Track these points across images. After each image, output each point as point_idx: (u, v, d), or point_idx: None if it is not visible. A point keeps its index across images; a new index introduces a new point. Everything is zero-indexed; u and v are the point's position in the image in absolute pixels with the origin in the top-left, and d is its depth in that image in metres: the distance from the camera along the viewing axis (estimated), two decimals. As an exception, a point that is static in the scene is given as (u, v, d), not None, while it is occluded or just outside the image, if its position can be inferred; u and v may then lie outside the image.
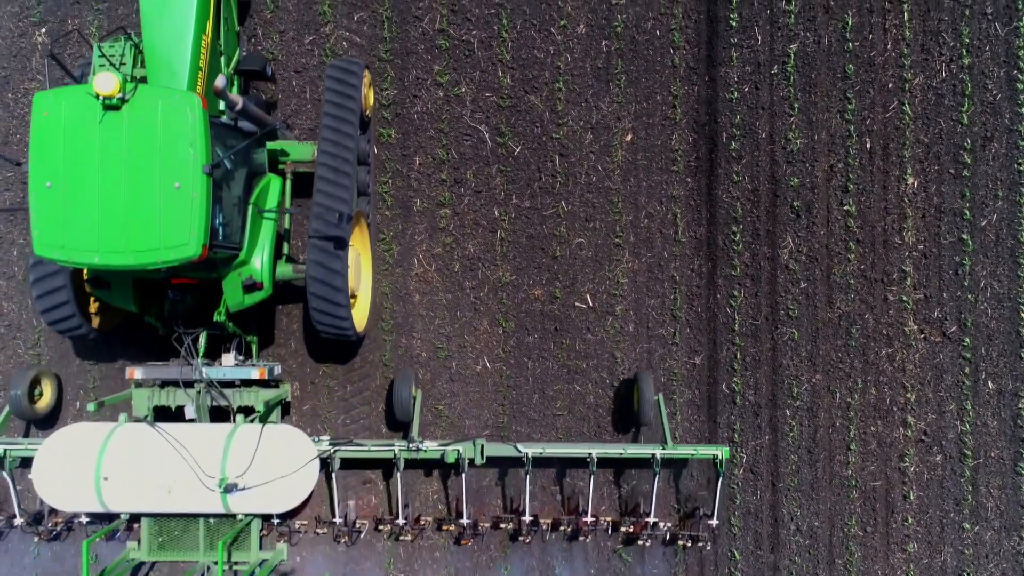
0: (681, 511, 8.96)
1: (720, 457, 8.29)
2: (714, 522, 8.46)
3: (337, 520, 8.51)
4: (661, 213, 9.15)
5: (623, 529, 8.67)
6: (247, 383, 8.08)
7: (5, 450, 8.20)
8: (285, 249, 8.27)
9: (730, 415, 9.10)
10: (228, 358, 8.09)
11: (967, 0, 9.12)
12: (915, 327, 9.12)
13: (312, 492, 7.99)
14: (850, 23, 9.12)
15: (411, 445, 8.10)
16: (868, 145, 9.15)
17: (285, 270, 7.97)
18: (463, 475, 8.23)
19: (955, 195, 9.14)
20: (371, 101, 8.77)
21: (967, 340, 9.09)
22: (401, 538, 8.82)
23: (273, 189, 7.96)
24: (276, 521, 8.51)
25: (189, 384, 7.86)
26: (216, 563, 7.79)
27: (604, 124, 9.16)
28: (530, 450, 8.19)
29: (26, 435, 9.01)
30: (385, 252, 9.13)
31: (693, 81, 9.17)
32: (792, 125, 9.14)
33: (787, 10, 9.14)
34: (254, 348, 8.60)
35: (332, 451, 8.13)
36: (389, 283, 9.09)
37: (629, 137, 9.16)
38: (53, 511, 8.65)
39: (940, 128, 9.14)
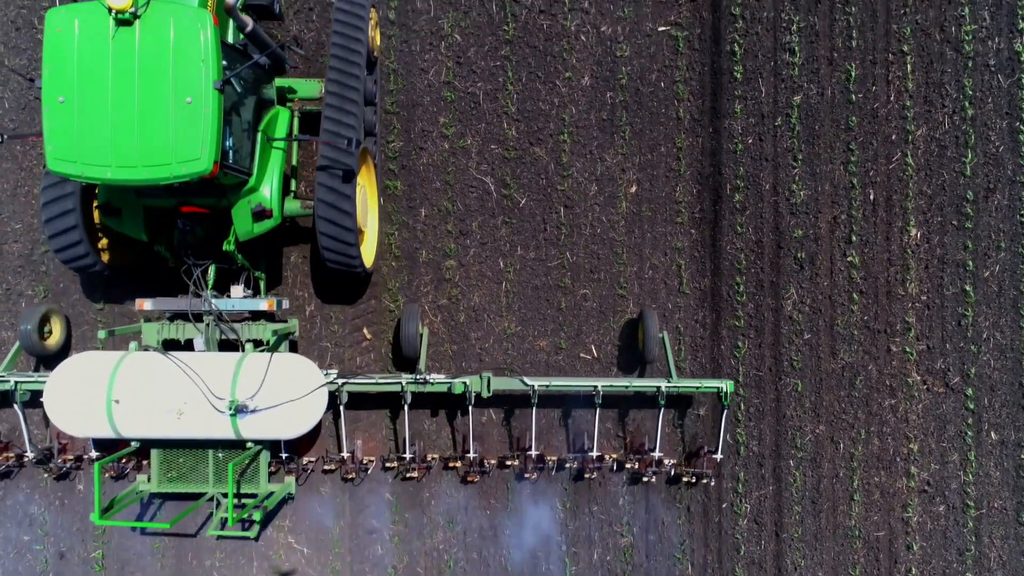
0: (685, 450, 9.03)
1: (724, 390, 8.35)
2: (718, 456, 8.59)
3: (345, 454, 8.56)
4: (665, 264, 9.20)
5: (628, 466, 8.77)
6: (256, 316, 8.24)
7: (16, 382, 8.27)
8: (293, 186, 8.39)
9: (734, 465, 9.16)
10: (237, 290, 8.20)
11: (969, 52, 9.17)
12: (918, 378, 9.17)
13: (320, 422, 8.18)
14: (853, 75, 9.17)
15: (418, 377, 8.15)
16: (871, 196, 9.20)
17: (293, 206, 8.06)
18: (469, 409, 8.30)
19: (958, 246, 9.18)
20: (378, 41, 8.88)
21: (970, 391, 9.14)
22: (408, 475, 8.86)
23: (282, 120, 8.06)
24: (284, 456, 8.54)
25: (198, 317, 7.99)
26: (224, 495, 7.88)
27: (609, 176, 9.22)
28: (536, 382, 8.29)
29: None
30: (392, 304, 9.19)
31: (697, 133, 9.23)
32: (796, 177, 9.19)
33: (791, 62, 9.19)
34: (262, 285, 8.66)
35: (340, 384, 8.17)
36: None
37: (634, 189, 9.21)
38: (63, 449, 8.78)
39: (943, 179, 9.19)
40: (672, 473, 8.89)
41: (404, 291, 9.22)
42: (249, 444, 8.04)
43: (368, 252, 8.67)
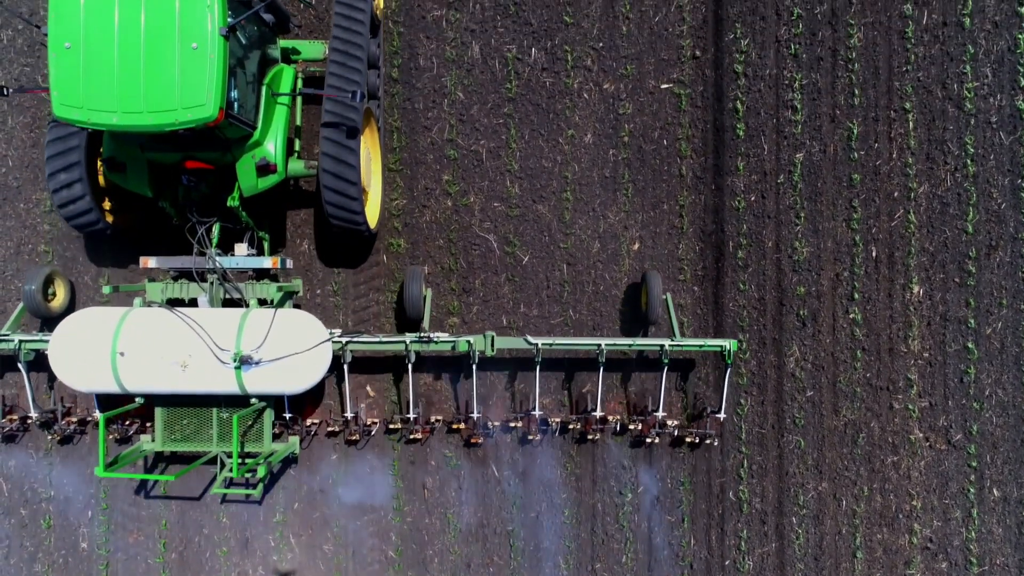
0: (688, 412, 9.08)
1: (728, 348, 8.39)
2: (722, 416, 8.65)
3: (348, 415, 8.59)
4: (668, 323, 9.21)
5: (631, 428, 8.82)
6: (260, 276, 8.30)
7: (20, 341, 8.27)
8: (297, 146, 8.42)
9: (736, 522, 9.17)
10: (241, 248, 8.23)
11: (971, 109, 9.19)
12: (920, 435, 9.19)
13: (324, 386, 8.50)
14: (856, 132, 9.19)
15: (422, 336, 8.17)
16: (874, 253, 9.22)
17: (297, 166, 8.09)
18: (473, 369, 8.34)
19: (960, 303, 9.20)
20: (381, 5, 8.96)
21: (972, 448, 9.16)
22: (412, 436, 8.92)
23: (286, 77, 8.09)
24: (288, 417, 8.56)
25: (202, 276, 8.04)
26: (228, 455, 7.96)
27: (611, 233, 9.24)
28: (540, 341, 8.30)
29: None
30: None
31: (700, 190, 9.24)
32: (798, 234, 9.21)
33: (793, 119, 9.21)
34: (266, 245, 8.71)
35: (344, 343, 8.19)
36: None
37: (636, 246, 9.23)
38: (67, 412, 8.83)
39: (945, 236, 9.21)
40: (675, 434, 8.93)
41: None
42: (253, 400, 8.01)
43: (372, 213, 8.68)
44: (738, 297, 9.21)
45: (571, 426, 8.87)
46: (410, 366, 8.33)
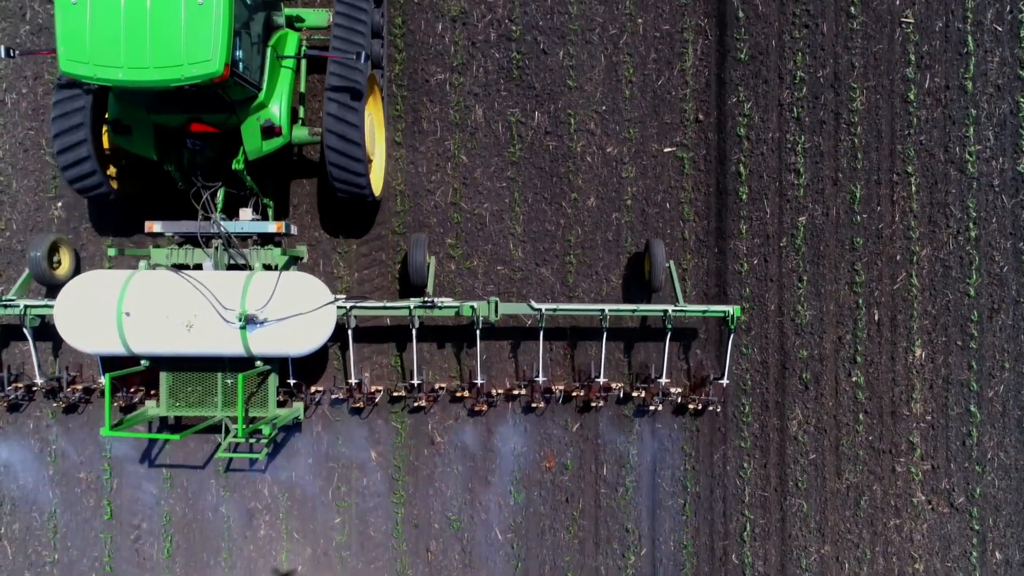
0: (692, 380, 9.12)
1: (731, 313, 8.41)
2: (724, 382, 8.72)
3: (353, 381, 8.66)
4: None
5: (634, 395, 8.87)
6: (264, 241, 8.32)
7: (25, 306, 8.33)
8: (301, 113, 8.46)
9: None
10: (246, 212, 8.27)
11: (973, 173, 9.21)
12: (923, 498, 9.21)
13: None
14: (858, 195, 9.21)
15: (426, 301, 8.19)
16: (876, 316, 9.24)
17: (301, 132, 8.14)
18: (477, 335, 8.40)
19: (962, 366, 9.22)
20: None
21: (975, 511, 9.19)
22: (415, 404, 8.99)
23: (291, 42, 8.13)
24: (292, 383, 8.62)
25: (207, 241, 8.07)
26: (233, 420, 8.06)
27: (614, 298, 9.25)
28: (544, 306, 8.35)
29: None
30: (398, 426, 9.22)
31: (703, 253, 9.26)
32: (801, 297, 9.23)
33: (796, 183, 9.23)
34: (270, 212, 8.74)
35: (348, 308, 8.22)
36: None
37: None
38: (72, 380, 8.90)
39: (947, 299, 9.23)
40: (679, 401, 8.99)
41: (414, 425, 9.26)
42: (258, 363, 8.04)
43: (376, 180, 8.72)
44: (741, 361, 9.23)
45: (574, 394, 8.92)
46: (414, 331, 8.37)
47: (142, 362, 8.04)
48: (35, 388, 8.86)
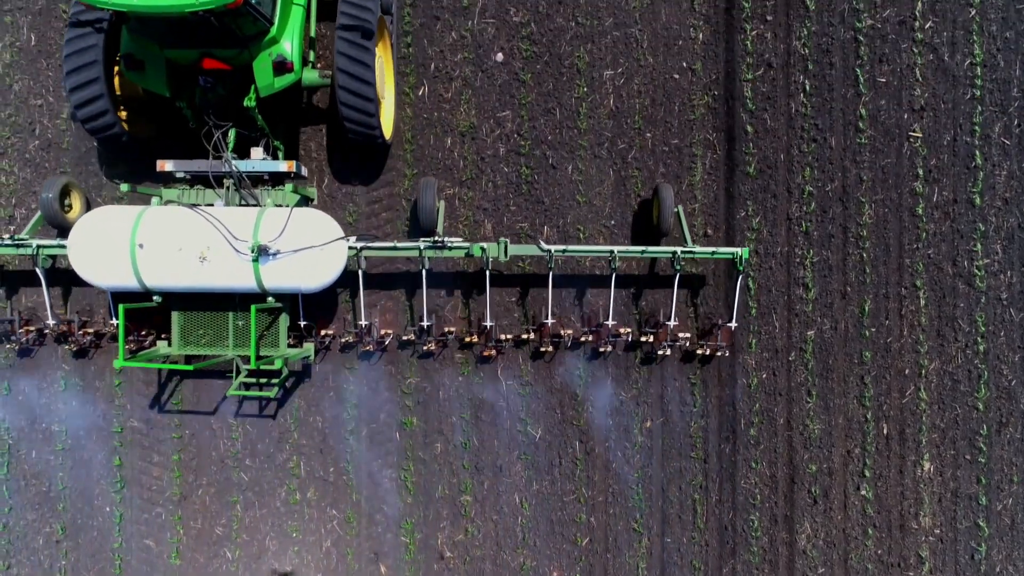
0: (699, 328, 9.15)
1: (739, 255, 8.42)
2: (733, 325, 8.77)
3: (362, 323, 8.70)
4: (680, 499, 9.25)
5: (643, 340, 8.90)
6: (275, 182, 8.33)
7: (37, 246, 8.34)
8: (312, 57, 8.46)
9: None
10: (257, 151, 8.27)
11: (982, 287, 9.23)
12: (932, 612, 9.23)
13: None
14: (867, 309, 9.23)
15: (436, 241, 8.19)
16: (885, 430, 9.25)
17: (312, 75, 8.16)
18: (487, 275, 8.44)
19: (971, 480, 9.24)
20: None
21: (983, 625, 9.20)
22: (425, 349, 9.01)
23: None
24: (303, 324, 8.67)
25: (219, 182, 8.11)
26: (244, 360, 8.15)
27: (624, 410, 9.26)
28: (553, 248, 8.35)
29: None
30: (405, 540, 9.23)
31: (710, 370, 9.26)
32: (809, 411, 9.24)
33: (805, 297, 9.24)
34: (280, 154, 8.73)
35: (359, 248, 8.24)
36: (412, 572, 9.23)
37: (648, 423, 9.26)
38: (83, 324, 8.95)
39: (956, 413, 9.25)
40: (687, 346, 9.02)
41: (419, 527, 9.26)
42: (270, 299, 8.05)
43: (386, 123, 8.73)
44: (750, 475, 9.24)
45: (583, 339, 8.95)
46: (424, 273, 8.39)
47: (154, 298, 8.04)
48: (47, 331, 8.90)
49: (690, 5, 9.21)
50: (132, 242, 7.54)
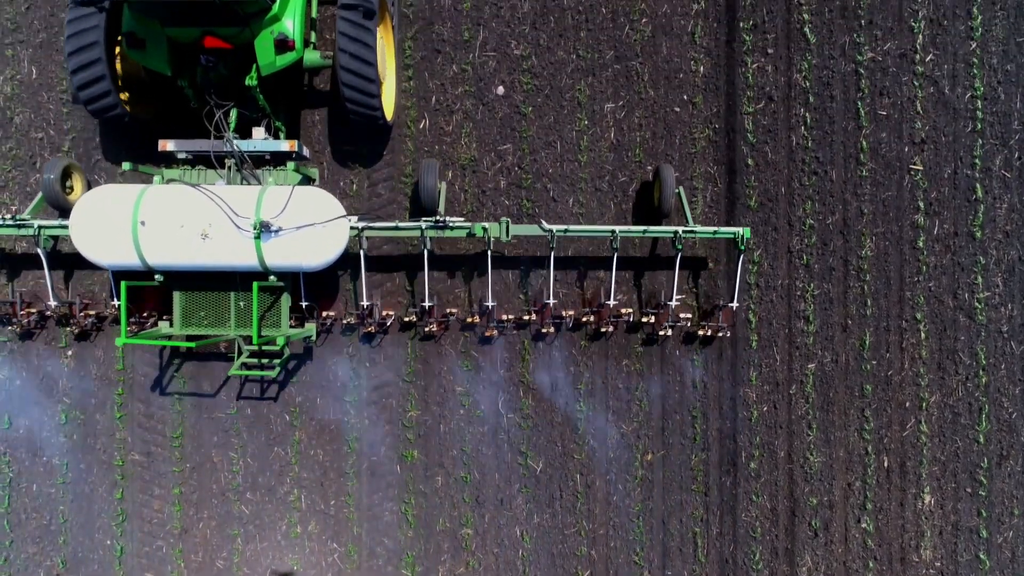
0: (700, 309, 9.16)
1: (741, 234, 8.44)
2: (734, 305, 8.80)
3: (364, 303, 8.77)
4: (681, 532, 9.25)
5: (644, 320, 8.92)
6: (277, 163, 8.37)
7: (39, 226, 8.36)
8: (313, 38, 8.49)
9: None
10: (258, 131, 8.30)
11: (983, 320, 9.23)
12: (933, 645, 9.23)
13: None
14: (867, 342, 9.23)
15: (438, 220, 8.22)
16: (885, 463, 9.26)
17: (313, 56, 8.22)
18: (488, 255, 8.47)
19: (972, 513, 9.24)
20: None
21: (984, 658, 9.21)
22: (427, 330, 9.03)
23: None
24: (304, 305, 8.71)
25: (220, 162, 8.16)
26: (245, 340, 8.25)
27: (626, 443, 9.27)
28: (555, 227, 8.39)
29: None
30: (406, 573, 9.23)
31: (714, 402, 9.27)
32: (810, 444, 9.25)
33: (805, 330, 9.25)
34: (282, 135, 8.75)
35: (360, 228, 8.28)
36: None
37: (649, 457, 9.26)
38: (84, 306, 8.98)
39: (957, 446, 9.25)
40: (688, 326, 9.03)
41: (420, 561, 9.27)
42: (272, 278, 8.08)
43: (387, 104, 8.76)
44: (751, 508, 9.25)
45: (584, 319, 8.98)
46: (425, 252, 8.42)
47: (156, 277, 8.06)
48: (48, 314, 8.95)
49: (691, 39, 9.21)
50: (134, 219, 7.57)
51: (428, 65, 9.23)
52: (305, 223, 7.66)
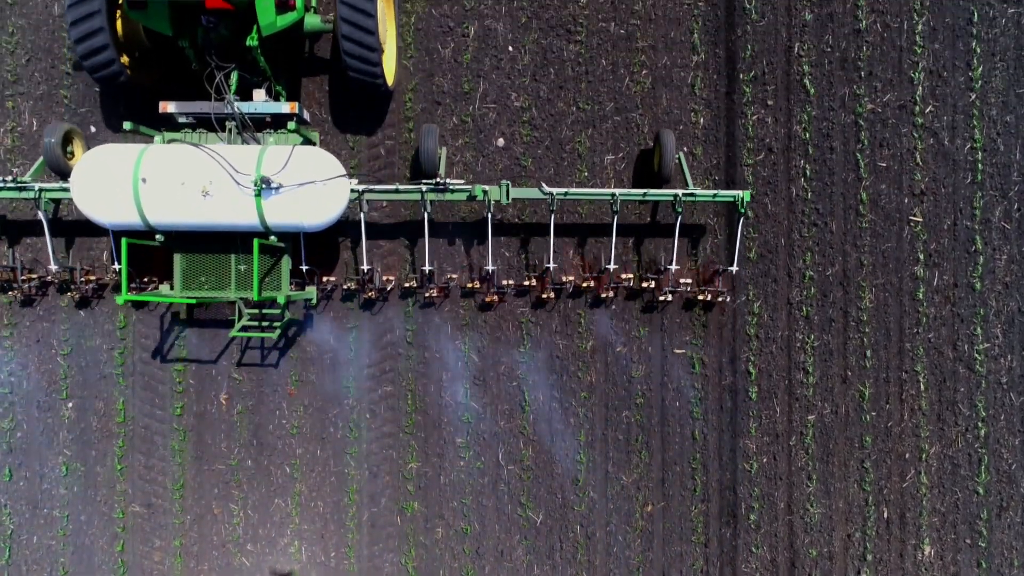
0: (699, 276, 9.17)
1: (741, 197, 8.45)
2: (734, 270, 8.87)
3: (364, 268, 8.81)
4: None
5: (644, 285, 8.94)
6: (277, 126, 8.38)
7: (39, 189, 8.37)
8: (313, 2, 8.53)
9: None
10: (259, 93, 8.31)
11: (982, 371, 9.24)
12: None
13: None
14: (867, 394, 9.24)
15: (439, 183, 8.24)
16: (885, 514, 9.27)
17: (314, 20, 8.27)
18: (488, 218, 8.50)
19: (971, 564, 9.26)
20: None
21: None
22: (427, 297, 9.07)
23: None
24: (305, 269, 8.74)
25: (221, 125, 8.18)
26: (245, 302, 8.31)
27: (625, 495, 9.28)
28: (555, 190, 8.40)
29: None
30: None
31: (711, 453, 9.28)
32: (810, 495, 9.26)
33: (805, 381, 9.26)
34: (282, 97, 8.76)
35: (361, 191, 8.31)
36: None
37: (649, 508, 9.27)
38: (85, 272, 9.01)
39: (956, 497, 9.27)
40: (688, 291, 9.03)
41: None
42: (273, 238, 8.11)
43: (388, 69, 8.76)
44: (751, 559, 9.26)
45: (584, 284, 9.02)
46: (426, 215, 8.46)
47: (157, 237, 8.08)
48: (49, 280, 8.98)
49: (691, 90, 9.22)
50: (135, 176, 7.60)
51: (428, 117, 9.23)
52: (306, 180, 7.68)
